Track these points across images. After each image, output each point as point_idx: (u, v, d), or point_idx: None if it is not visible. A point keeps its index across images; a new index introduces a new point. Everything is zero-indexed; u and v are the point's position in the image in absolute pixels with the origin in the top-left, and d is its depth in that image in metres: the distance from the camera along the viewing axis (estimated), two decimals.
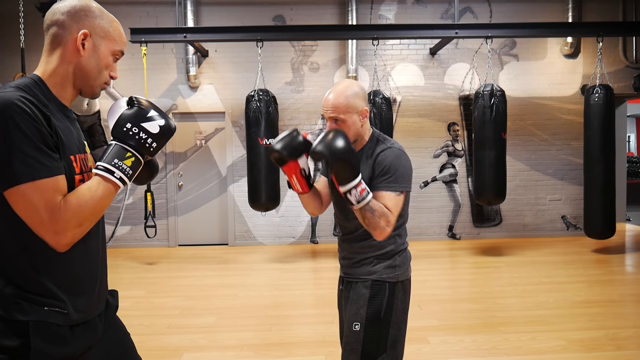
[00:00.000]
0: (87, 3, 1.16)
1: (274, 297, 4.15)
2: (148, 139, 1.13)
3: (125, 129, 1.11)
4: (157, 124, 1.14)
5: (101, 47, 1.16)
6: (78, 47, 1.12)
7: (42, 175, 0.99)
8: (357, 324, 1.64)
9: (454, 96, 6.44)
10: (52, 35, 1.13)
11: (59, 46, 1.13)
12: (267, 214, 6.24)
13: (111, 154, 1.09)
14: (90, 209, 1.05)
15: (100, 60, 1.16)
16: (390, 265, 1.70)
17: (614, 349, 2.92)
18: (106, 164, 1.08)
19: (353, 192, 1.53)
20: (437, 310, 3.68)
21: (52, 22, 1.13)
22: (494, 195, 5.19)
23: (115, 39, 1.19)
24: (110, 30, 1.18)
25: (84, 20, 1.14)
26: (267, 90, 5.06)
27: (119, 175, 1.08)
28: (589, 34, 5.58)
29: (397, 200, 1.60)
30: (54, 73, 1.13)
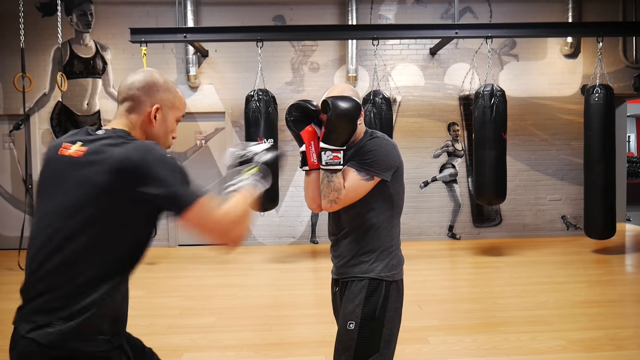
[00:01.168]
0: (157, 78, 1.33)
1: (273, 297, 4.15)
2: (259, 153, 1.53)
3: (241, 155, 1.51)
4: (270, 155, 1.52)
5: (169, 116, 1.34)
6: (151, 119, 1.30)
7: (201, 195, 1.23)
8: (352, 322, 1.63)
9: (454, 96, 6.44)
10: (128, 107, 1.30)
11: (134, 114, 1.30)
12: (266, 214, 6.24)
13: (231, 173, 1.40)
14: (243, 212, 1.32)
15: (167, 128, 1.35)
16: (387, 264, 1.70)
17: (614, 349, 2.92)
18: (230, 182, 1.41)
19: (328, 153, 1.59)
20: (437, 310, 3.68)
21: (129, 96, 1.30)
22: (494, 195, 5.18)
23: (180, 108, 1.38)
24: (175, 101, 1.36)
25: (156, 94, 1.31)
26: (267, 90, 5.06)
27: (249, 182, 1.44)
28: (589, 34, 5.58)
29: (360, 182, 1.62)
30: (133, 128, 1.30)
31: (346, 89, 1.72)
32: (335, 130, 1.59)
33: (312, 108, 1.73)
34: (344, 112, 1.57)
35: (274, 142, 5.06)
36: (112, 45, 6.24)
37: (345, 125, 1.59)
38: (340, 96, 1.62)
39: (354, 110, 1.59)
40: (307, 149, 1.70)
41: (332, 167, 1.60)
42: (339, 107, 1.58)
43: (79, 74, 6.25)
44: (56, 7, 5.45)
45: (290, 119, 1.74)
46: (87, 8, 6.22)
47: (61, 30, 5.29)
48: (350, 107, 1.58)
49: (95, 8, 6.23)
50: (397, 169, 1.68)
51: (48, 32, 6.05)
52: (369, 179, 1.62)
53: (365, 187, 1.62)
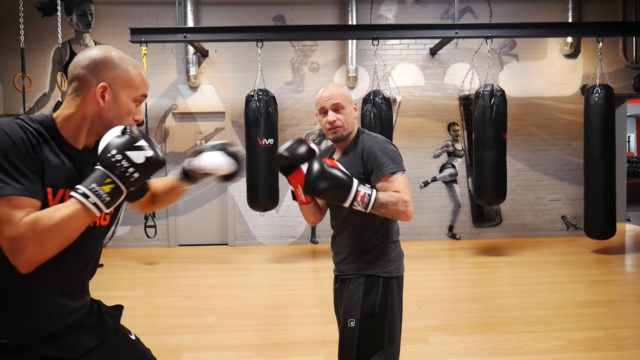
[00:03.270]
0: (106, 53, 1.19)
1: (273, 297, 4.15)
2: (130, 167, 1.10)
3: (109, 155, 1.09)
4: (143, 154, 1.12)
5: (121, 96, 1.19)
6: (97, 100, 1.16)
7: (9, 192, 1.01)
8: (352, 320, 1.64)
9: (454, 96, 6.44)
10: (74, 88, 1.17)
11: (78, 97, 1.17)
12: (267, 214, 6.24)
13: (91, 177, 1.08)
14: (52, 228, 1.02)
15: (121, 109, 1.20)
16: (384, 259, 1.70)
17: (614, 349, 2.92)
18: (82, 187, 1.06)
19: (355, 203, 1.55)
20: (437, 310, 3.68)
21: (73, 76, 1.17)
22: (494, 195, 5.18)
23: (137, 85, 1.22)
24: (130, 77, 1.20)
25: (103, 72, 1.17)
26: (267, 90, 5.06)
27: (94, 200, 1.06)
28: (589, 34, 5.58)
29: (403, 179, 1.64)
30: (68, 118, 1.17)
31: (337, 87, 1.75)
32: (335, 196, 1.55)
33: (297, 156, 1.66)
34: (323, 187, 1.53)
35: (274, 142, 5.05)
36: (112, 45, 6.20)
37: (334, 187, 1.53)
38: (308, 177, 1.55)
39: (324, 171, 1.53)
40: (295, 190, 1.75)
41: (372, 203, 1.55)
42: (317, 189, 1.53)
43: None
44: (56, 7, 5.45)
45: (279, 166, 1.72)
46: (87, 8, 6.22)
47: (61, 30, 5.28)
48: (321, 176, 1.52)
49: (95, 8, 6.23)
50: None
51: (48, 32, 6.05)
52: (402, 173, 1.65)
53: (407, 181, 1.66)
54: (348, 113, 1.73)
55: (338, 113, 1.71)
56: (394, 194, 1.59)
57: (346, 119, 1.72)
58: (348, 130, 1.74)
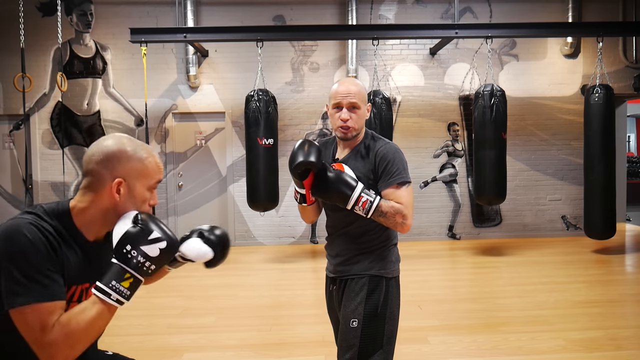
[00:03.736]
0: (120, 146, 1.18)
1: (274, 297, 4.15)
2: (146, 262, 1.14)
3: (125, 251, 1.12)
4: (158, 247, 1.15)
5: (137, 188, 1.19)
6: (113, 195, 1.16)
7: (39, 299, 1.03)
8: (355, 320, 1.63)
9: (454, 96, 6.44)
10: (88, 182, 1.18)
11: (94, 191, 1.17)
12: (267, 214, 6.24)
13: (110, 274, 1.11)
14: (83, 331, 1.06)
15: (137, 200, 1.20)
16: (388, 260, 1.72)
17: (614, 349, 2.92)
18: (104, 286, 1.10)
19: (356, 208, 1.59)
20: (437, 310, 3.68)
21: (87, 171, 1.17)
22: (494, 195, 5.18)
23: (151, 175, 1.22)
24: (144, 167, 1.20)
25: (117, 166, 1.16)
26: (267, 90, 5.06)
27: (116, 297, 1.10)
28: (589, 34, 5.58)
29: (408, 191, 1.66)
30: (83, 212, 1.18)
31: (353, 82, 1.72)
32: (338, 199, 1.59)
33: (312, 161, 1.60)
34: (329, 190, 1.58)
35: (274, 142, 5.05)
36: (112, 45, 6.24)
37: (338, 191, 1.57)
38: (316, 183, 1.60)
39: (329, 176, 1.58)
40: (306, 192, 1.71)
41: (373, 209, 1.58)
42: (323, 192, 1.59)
43: (79, 74, 6.25)
44: (56, 7, 5.45)
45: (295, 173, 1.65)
46: (87, 8, 6.22)
47: (61, 30, 5.28)
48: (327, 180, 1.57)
49: (95, 8, 6.23)
50: None
51: (48, 32, 6.05)
52: (409, 185, 1.67)
53: (411, 191, 1.68)
54: (362, 114, 1.70)
55: (352, 112, 1.68)
56: (395, 205, 1.61)
57: (358, 119, 1.70)
58: (357, 131, 1.72)
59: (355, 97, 1.67)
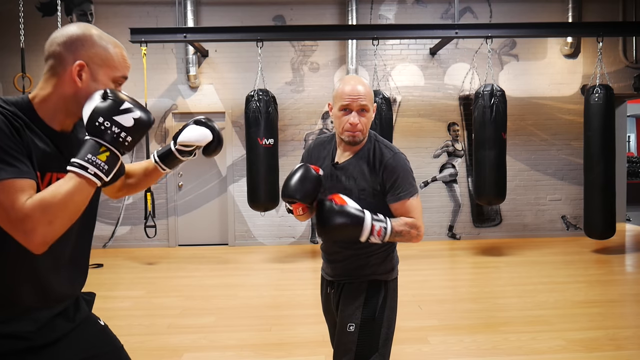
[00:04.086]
0: (85, 31, 1.13)
1: (273, 297, 4.15)
2: (122, 132, 1.08)
3: (97, 123, 1.07)
4: (131, 116, 1.09)
5: (99, 75, 1.14)
6: (74, 79, 1.11)
7: (6, 176, 0.99)
8: (352, 324, 1.61)
9: (454, 96, 6.44)
10: (49, 66, 1.13)
11: (56, 76, 1.12)
12: (267, 214, 6.24)
13: (84, 149, 1.06)
14: (59, 204, 1.01)
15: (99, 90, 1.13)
16: (386, 264, 1.70)
17: (614, 349, 2.92)
18: (79, 160, 1.05)
19: (372, 238, 1.51)
20: (437, 310, 3.68)
21: (49, 53, 1.13)
22: (494, 195, 5.18)
23: (116, 66, 1.16)
24: (109, 56, 1.15)
25: (80, 49, 1.11)
26: (267, 90, 5.06)
27: (93, 170, 1.05)
28: (589, 34, 5.58)
29: (417, 203, 1.63)
30: (44, 99, 1.13)
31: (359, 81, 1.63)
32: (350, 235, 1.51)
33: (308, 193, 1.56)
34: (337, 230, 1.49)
35: (274, 142, 5.06)
36: None
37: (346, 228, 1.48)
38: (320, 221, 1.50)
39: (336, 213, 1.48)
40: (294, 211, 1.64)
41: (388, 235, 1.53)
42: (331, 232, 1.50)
43: None
44: (56, 7, 5.45)
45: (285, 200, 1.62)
46: (87, 8, 6.22)
47: None
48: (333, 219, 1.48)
49: (95, 8, 6.23)
50: None
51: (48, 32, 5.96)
52: (417, 195, 1.64)
53: (420, 202, 1.66)
54: (370, 117, 1.63)
55: (361, 115, 1.60)
56: (407, 221, 1.58)
57: (367, 123, 1.62)
58: (365, 135, 1.65)
59: (365, 99, 1.59)
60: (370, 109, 1.62)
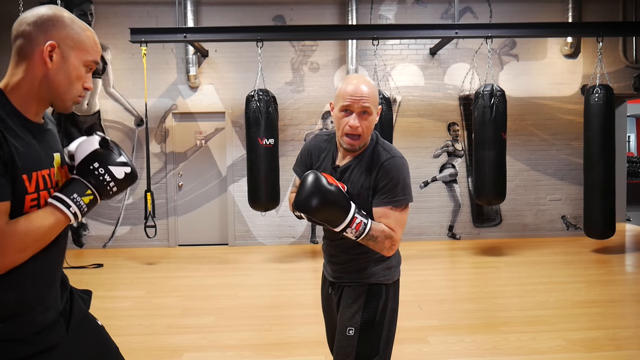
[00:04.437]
0: (56, 12, 1.10)
1: (274, 297, 4.15)
2: (111, 182, 1.15)
3: (91, 168, 1.12)
4: (123, 170, 1.16)
5: (71, 58, 1.10)
6: (45, 60, 1.07)
7: None
8: (352, 329, 1.58)
9: (454, 96, 6.44)
10: (18, 47, 1.08)
11: (25, 59, 1.08)
12: (267, 214, 6.24)
13: (72, 187, 1.10)
14: (36, 237, 1.04)
15: (70, 72, 1.11)
16: (386, 267, 1.65)
17: (614, 349, 2.92)
18: (64, 197, 1.08)
19: (349, 230, 1.46)
20: (437, 310, 3.68)
21: (18, 33, 1.08)
22: (494, 195, 5.18)
23: (87, 49, 1.13)
24: (81, 39, 1.12)
25: (52, 30, 1.08)
26: (267, 90, 5.06)
27: (74, 210, 1.09)
28: (589, 34, 5.58)
29: (402, 215, 1.55)
30: (17, 86, 1.08)
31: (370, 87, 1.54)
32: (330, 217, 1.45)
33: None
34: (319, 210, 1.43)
35: (275, 142, 5.05)
36: (112, 45, 6.24)
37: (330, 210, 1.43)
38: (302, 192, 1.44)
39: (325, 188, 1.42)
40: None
41: (365, 233, 1.48)
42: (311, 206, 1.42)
43: None
44: None
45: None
46: (87, 8, 6.22)
47: None
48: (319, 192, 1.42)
49: (95, 8, 6.23)
50: None
51: None
52: (406, 207, 1.56)
53: (406, 215, 1.57)
54: (372, 120, 1.54)
55: (363, 119, 1.51)
56: (385, 230, 1.51)
57: (369, 127, 1.53)
58: (365, 141, 1.56)
59: (369, 101, 1.49)
60: (373, 112, 1.53)
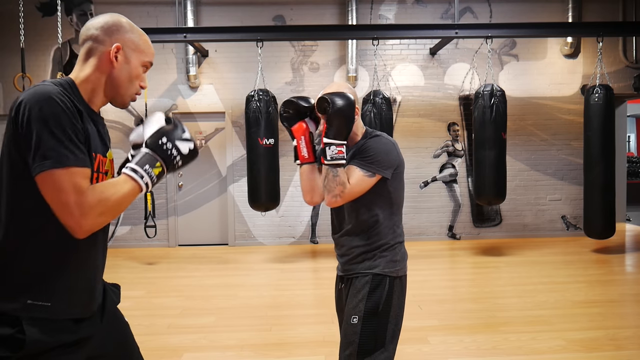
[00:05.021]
0: (118, 19, 1.25)
1: (274, 297, 4.15)
2: (177, 156, 1.24)
3: (160, 142, 1.22)
4: (188, 146, 1.26)
5: (132, 59, 1.25)
6: (111, 59, 1.22)
7: (74, 164, 1.07)
8: (355, 317, 1.64)
9: (454, 96, 6.44)
10: (87, 48, 1.22)
11: (93, 56, 1.22)
12: (267, 214, 6.24)
13: (144, 159, 1.19)
14: (114, 202, 1.12)
15: (131, 71, 1.26)
16: (391, 259, 1.71)
17: (614, 349, 2.92)
18: (138, 167, 1.17)
19: (332, 147, 1.61)
20: (437, 310, 3.68)
21: (87, 37, 1.22)
22: (494, 195, 5.18)
23: (145, 51, 1.28)
24: (140, 43, 1.27)
25: (116, 34, 1.23)
26: (267, 90, 5.06)
27: (147, 180, 1.18)
28: (589, 34, 5.58)
29: (363, 179, 1.64)
30: (86, 79, 1.22)
31: (342, 86, 1.73)
32: (335, 125, 1.61)
33: (303, 105, 1.77)
34: (340, 107, 1.60)
35: (275, 142, 5.06)
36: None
37: (343, 120, 1.61)
38: (335, 92, 1.64)
39: (348, 105, 1.61)
40: (297, 143, 1.75)
41: (337, 162, 1.61)
42: (335, 103, 1.60)
43: None
44: (56, 7, 5.45)
45: (283, 115, 1.79)
46: (87, 8, 6.22)
47: (61, 30, 5.28)
48: (345, 102, 1.61)
49: (95, 8, 6.23)
50: (397, 167, 1.70)
51: (48, 32, 6.05)
52: (371, 176, 1.64)
53: (368, 183, 1.65)
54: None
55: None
56: (346, 179, 1.62)
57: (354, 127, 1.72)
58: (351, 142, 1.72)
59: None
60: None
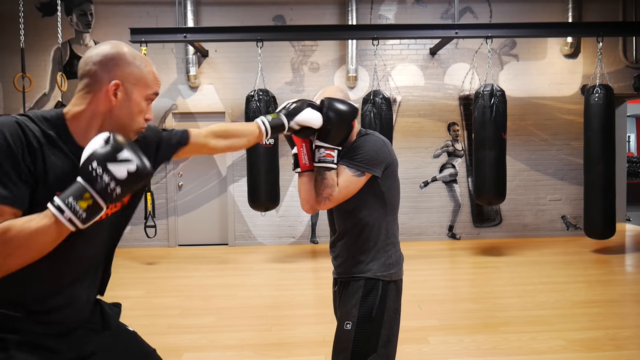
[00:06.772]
0: (119, 50, 1.15)
1: (274, 297, 4.15)
2: (111, 183, 1.02)
3: (90, 168, 1.02)
4: (125, 168, 1.03)
5: (133, 94, 1.16)
6: (110, 98, 1.12)
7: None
8: (349, 323, 1.62)
9: (454, 96, 6.44)
10: (84, 84, 1.14)
11: (91, 94, 1.13)
12: (267, 214, 6.24)
13: (69, 190, 1.02)
14: (23, 241, 0.97)
15: (132, 108, 1.16)
16: (384, 263, 1.66)
17: (614, 349, 2.92)
18: (59, 201, 1.00)
19: (322, 150, 1.61)
20: (437, 310, 3.68)
21: (84, 72, 1.13)
22: (494, 195, 5.18)
23: (149, 84, 1.19)
24: (142, 75, 1.17)
25: (115, 69, 1.13)
26: (267, 90, 5.06)
27: (68, 216, 0.99)
28: (589, 34, 5.58)
29: (352, 179, 1.61)
30: (78, 116, 1.13)
31: (336, 90, 1.72)
32: (331, 129, 1.59)
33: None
34: (340, 113, 1.59)
35: (274, 142, 5.06)
36: None
37: (341, 126, 1.60)
38: (337, 98, 1.63)
39: (349, 112, 1.60)
40: (298, 150, 1.70)
41: (325, 165, 1.60)
42: (335, 108, 1.59)
43: None
44: (56, 7, 5.45)
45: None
46: (87, 8, 6.22)
47: (61, 30, 5.28)
48: (346, 109, 1.60)
49: (95, 8, 6.23)
50: (388, 165, 1.66)
51: (48, 32, 6.05)
52: (360, 175, 1.61)
53: (357, 183, 1.62)
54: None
55: None
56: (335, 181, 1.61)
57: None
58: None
59: None
60: None
